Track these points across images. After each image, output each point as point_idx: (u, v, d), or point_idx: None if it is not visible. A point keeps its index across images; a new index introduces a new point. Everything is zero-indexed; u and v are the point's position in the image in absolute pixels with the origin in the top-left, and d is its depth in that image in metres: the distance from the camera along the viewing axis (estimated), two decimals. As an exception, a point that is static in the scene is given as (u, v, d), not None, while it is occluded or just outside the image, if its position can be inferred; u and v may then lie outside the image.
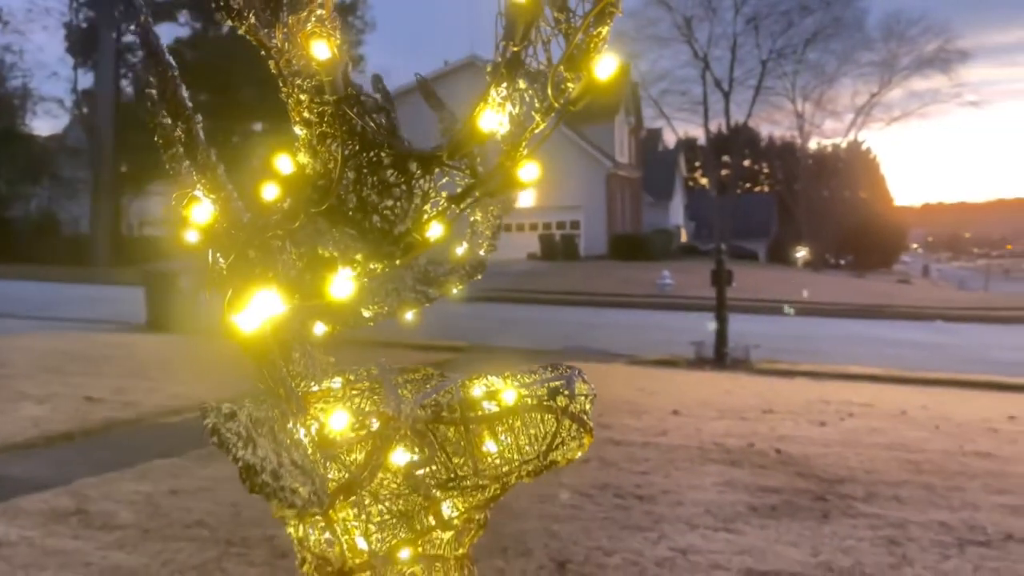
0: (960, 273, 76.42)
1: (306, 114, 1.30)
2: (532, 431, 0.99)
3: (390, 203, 1.17)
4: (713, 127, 60.31)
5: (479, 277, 1.15)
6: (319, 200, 1.14)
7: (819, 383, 11.22)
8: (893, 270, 75.02)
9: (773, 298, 25.79)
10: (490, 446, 1.04)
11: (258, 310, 0.99)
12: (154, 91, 1.19)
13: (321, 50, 1.24)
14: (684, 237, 57.35)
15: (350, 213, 1.15)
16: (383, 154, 1.18)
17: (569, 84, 1.23)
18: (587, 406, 0.99)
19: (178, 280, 16.04)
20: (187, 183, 1.12)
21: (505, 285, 23.84)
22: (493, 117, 1.19)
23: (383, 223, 1.14)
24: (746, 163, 72.20)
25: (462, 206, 1.21)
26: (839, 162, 69.43)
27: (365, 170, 1.18)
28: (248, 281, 1.03)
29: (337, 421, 0.99)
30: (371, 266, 1.15)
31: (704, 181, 63.38)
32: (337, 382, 1.01)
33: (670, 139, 65.84)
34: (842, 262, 67.38)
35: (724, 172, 63.84)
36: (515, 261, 33.34)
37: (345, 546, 1.02)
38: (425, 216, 1.17)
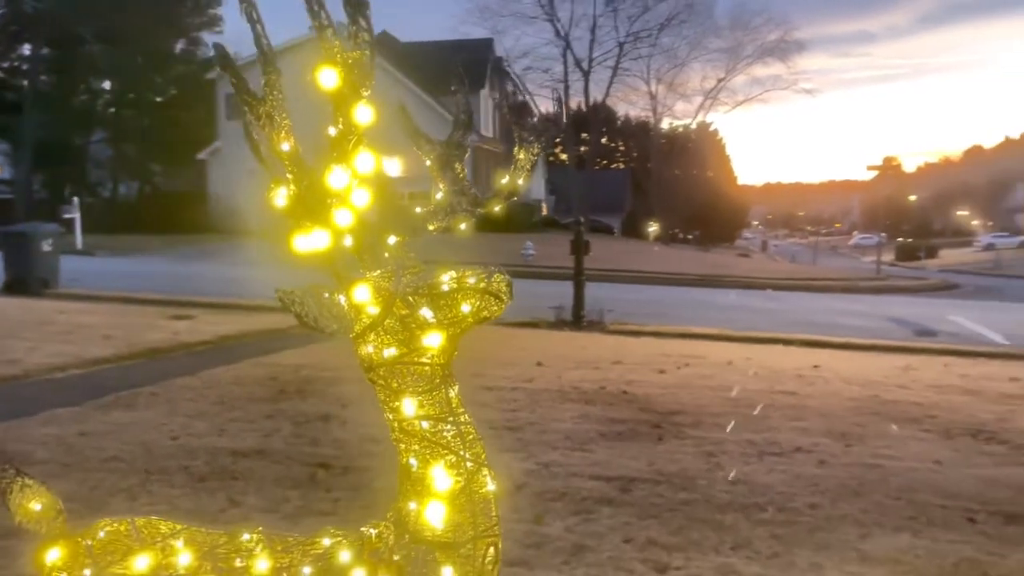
0: (794, 248, 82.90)
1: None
2: (470, 300, 1.76)
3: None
4: (573, 105, 62.36)
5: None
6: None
7: (662, 340, 12.66)
8: (735, 245, 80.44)
9: (626, 268, 27.63)
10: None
11: (316, 241, 1.72)
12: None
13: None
14: (545, 210, 59.18)
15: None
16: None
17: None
18: (503, 286, 1.75)
19: (38, 241, 15.65)
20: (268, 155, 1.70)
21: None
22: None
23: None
24: (603, 140, 75.01)
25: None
26: (689, 142, 73.42)
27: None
28: (313, 220, 1.73)
29: (360, 292, 1.71)
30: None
31: (564, 157, 65.38)
32: (376, 273, 1.72)
33: (536, 115, 67.48)
34: (690, 237, 71.52)
35: (583, 149, 66.12)
36: (381, 230, 33.62)
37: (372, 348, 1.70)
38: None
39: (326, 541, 1.71)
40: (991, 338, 14.88)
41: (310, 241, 1.60)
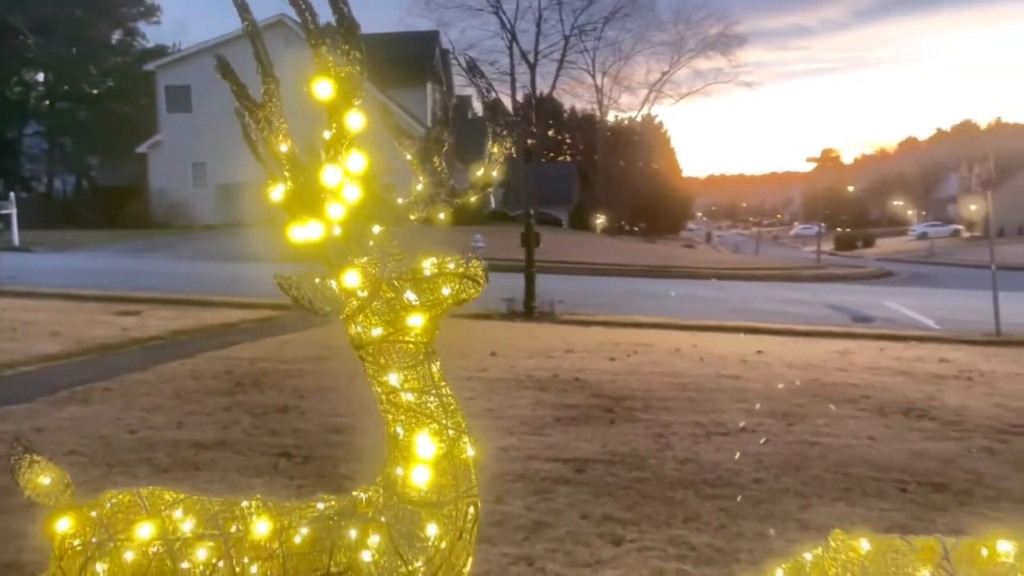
0: (737, 239, 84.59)
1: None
2: (450, 284, 1.92)
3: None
4: (520, 97, 62.56)
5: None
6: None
7: (611, 329, 12.96)
8: (680, 236, 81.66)
9: (575, 260, 27.97)
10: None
11: (310, 232, 1.86)
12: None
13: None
14: (493, 203, 59.37)
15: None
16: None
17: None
18: (480, 271, 1.92)
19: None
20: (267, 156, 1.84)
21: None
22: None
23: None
24: (550, 133, 75.41)
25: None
26: (634, 135, 74.29)
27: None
28: (308, 213, 1.86)
29: (350, 277, 1.86)
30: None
31: (512, 150, 65.54)
32: (363, 260, 1.87)
33: (479, 107, 67.55)
34: (636, 228, 72.41)
35: (530, 141, 66.44)
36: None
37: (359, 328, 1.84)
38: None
39: (320, 505, 1.86)
40: (923, 322, 15.54)
41: (305, 232, 1.75)
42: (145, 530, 1.81)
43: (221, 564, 1.75)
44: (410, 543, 1.75)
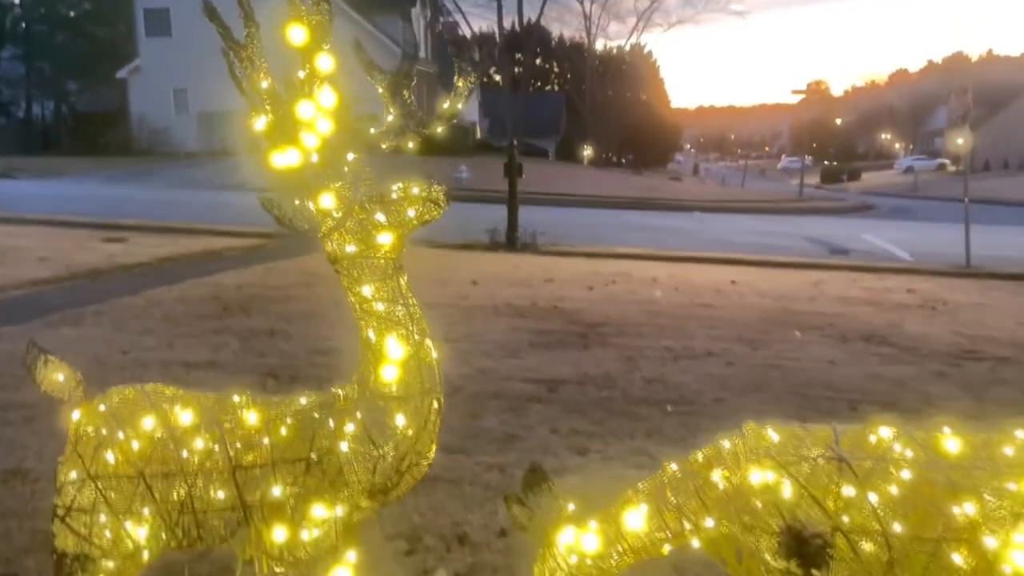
0: (724, 172, 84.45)
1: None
2: (415, 206, 2.14)
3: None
4: (507, 24, 61.40)
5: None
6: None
7: (592, 260, 13.22)
8: (668, 168, 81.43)
9: (560, 192, 28.07)
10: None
11: (289, 159, 2.06)
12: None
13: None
14: (479, 134, 58.82)
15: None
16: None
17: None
18: (441, 195, 2.14)
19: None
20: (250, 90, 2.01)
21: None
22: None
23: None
24: (538, 62, 74.28)
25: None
26: (623, 64, 73.27)
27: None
28: (287, 142, 2.06)
29: (325, 199, 2.08)
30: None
31: (498, 79, 64.70)
32: (338, 184, 2.08)
33: (466, 34, 66.20)
34: (623, 160, 72.14)
35: (517, 70, 65.48)
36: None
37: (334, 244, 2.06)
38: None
39: (302, 400, 2.12)
40: (898, 255, 15.89)
41: (285, 159, 1.95)
42: (149, 421, 2.06)
43: (216, 448, 2.01)
44: (381, 431, 2.01)
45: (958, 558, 1.81)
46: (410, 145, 2.10)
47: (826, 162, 76.90)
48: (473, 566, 3.45)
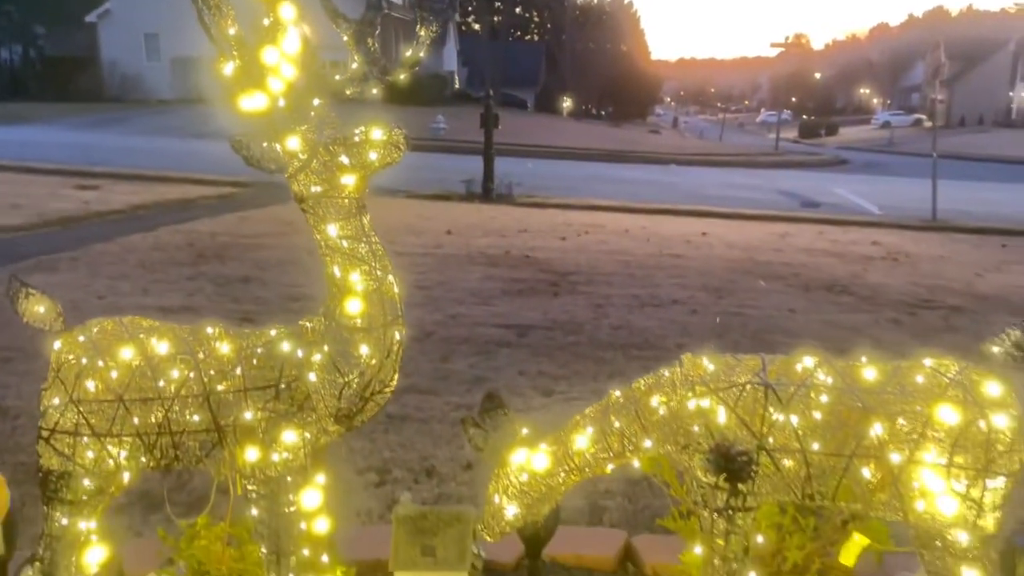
0: (703, 125, 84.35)
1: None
2: (376, 149, 2.26)
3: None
4: (487, -30, 60.35)
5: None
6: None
7: (566, 212, 13.36)
8: (647, 121, 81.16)
9: (538, 143, 28.02)
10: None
11: (256, 102, 2.17)
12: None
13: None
14: (457, 83, 58.19)
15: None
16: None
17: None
18: (401, 139, 2.26)
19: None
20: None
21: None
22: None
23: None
24: (517, 10, 73.26)
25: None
26: (603, 14, 72.53)
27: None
28: (254, 87, 2.16)
29: (292, 141, 2.20)
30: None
31: (477, 27, 63.78)
32: (303, 127, 2.19)
33: (444, -19, 64.91)
34: (603, 112, 71.78)
35: (496, 19, 64.59)
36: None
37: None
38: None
39: (272, 332, 2.26)
40: (867, 208, 16.16)
41: (252, 102, 2.06)
42: (128, 351, 2.19)
43: (192, 376, 2.15)
44: (346, 360, 2.16)
45: (867, 472, 2.01)
46: (373, 92, 2.21)
47: (805, 116, 76.96)
48: (439, 496, 3.65)
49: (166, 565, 2.68)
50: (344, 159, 2.13)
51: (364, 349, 2.18)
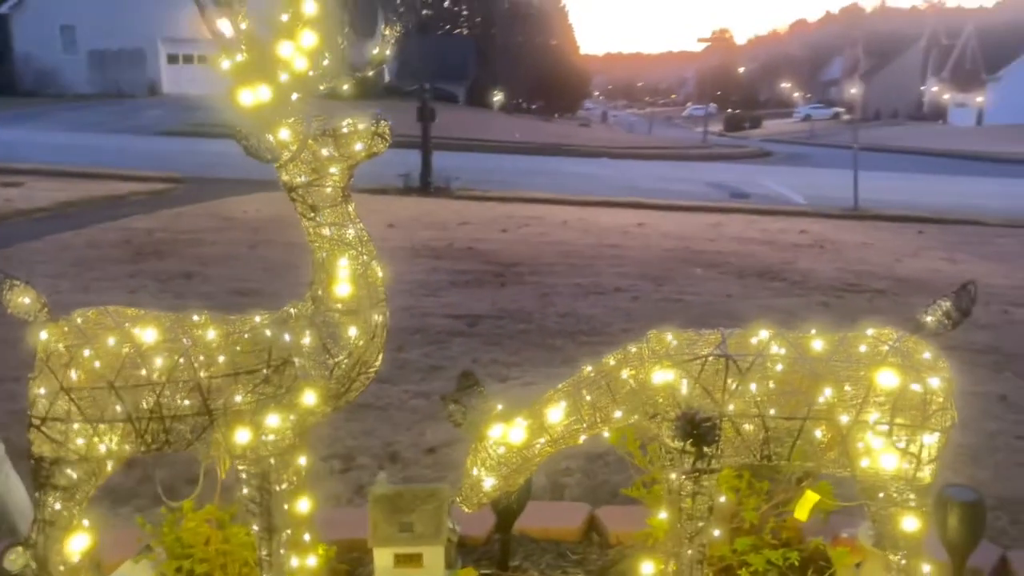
0: (631, 119, 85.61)
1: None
2: (362, 140, 2.36)
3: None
4: (415, -36, 59.95)
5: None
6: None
7: (505, 204, 13.51)
8: (577, 115, 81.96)
9: (472, 137, 28.10)
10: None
11: (257, 96, 2.24)
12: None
13: None
14: (388, 77, 57.69)
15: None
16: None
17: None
18: (387, 130, 2.37)
19: None
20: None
21: (221, 120, 23.43)
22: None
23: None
24: (446, 4, 73.07)
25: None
26: (532, 8, 72.85)
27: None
28: (261, 80, 2.23)
29: (283, 132, 2.27)
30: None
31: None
32: (292, 119, 2.27)
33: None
34: (533, 107, 72.19)
35: (425, 12, 64.27)
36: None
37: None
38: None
39: (257, 318, 2.33)
40: (793, 198, 16.78)
41: (255, 95, 2.13)
42: (114, 339, 2.24)
43: (182, 361, 2.21)
44: (335, 342, 2.25)
45: (819, 433, 2.21)
46: (344, 87, 2.31)
47: (730, 110, 78.89)
48: (405, 479, 3.76)
49: (144, 552, 2.74)
50: (332, 150, 2.23)
51: (352, 331, 2.29)
